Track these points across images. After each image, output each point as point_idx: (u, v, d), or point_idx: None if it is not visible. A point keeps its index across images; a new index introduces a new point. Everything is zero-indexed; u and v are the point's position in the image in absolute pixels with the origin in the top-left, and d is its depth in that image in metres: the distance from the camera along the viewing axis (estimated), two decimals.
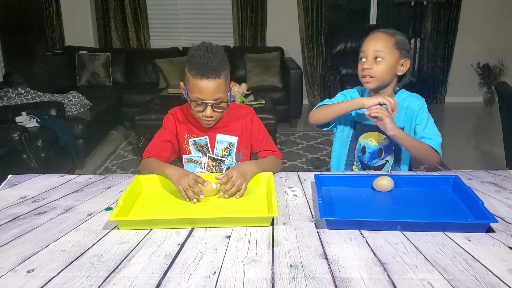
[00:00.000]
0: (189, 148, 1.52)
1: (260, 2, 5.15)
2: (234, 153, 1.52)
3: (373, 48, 1.46)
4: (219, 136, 1.50)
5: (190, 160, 1.53)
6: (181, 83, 1.44)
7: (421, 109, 1.52)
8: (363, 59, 1.48)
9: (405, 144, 1.44)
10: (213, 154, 1.51)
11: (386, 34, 1.48)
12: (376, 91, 1.52)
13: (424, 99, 1.56)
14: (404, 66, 1.49)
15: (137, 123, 3.57)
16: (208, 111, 1.37)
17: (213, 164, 1.52)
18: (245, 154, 1.54)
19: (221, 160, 1.52)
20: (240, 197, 1.26)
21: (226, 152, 1.51)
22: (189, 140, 1.51)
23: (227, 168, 1.52)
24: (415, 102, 1.53)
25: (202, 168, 1.52)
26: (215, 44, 1.39)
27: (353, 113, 1.60)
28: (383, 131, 1.47)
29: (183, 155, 1.53)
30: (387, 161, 1.58)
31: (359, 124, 1.60)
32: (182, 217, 1.11)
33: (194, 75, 1.34)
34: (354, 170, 1.63)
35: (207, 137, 1.50)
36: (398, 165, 1.60)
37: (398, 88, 1.56)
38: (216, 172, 1.51)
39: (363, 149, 1.59)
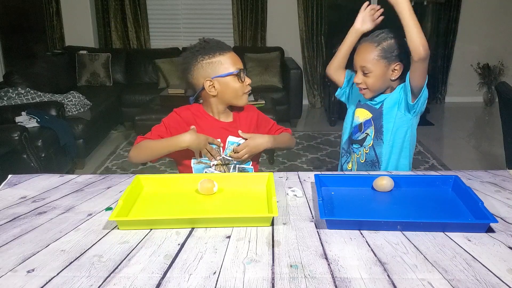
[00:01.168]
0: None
1: (260, 2, 5.15)
2: None
3: (360, 63, 1.51)
4: (230, 138, 1.51)
5: (199, 162, 1.52)
6: (207, 80, 1.43)
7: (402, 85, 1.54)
8: (356, 71, 1.54)
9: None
10: (223, 154, 1.52)
11: (372, 44, 1.49)
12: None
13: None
14: (397, 70, 1.50)
15: (137, 123, 3.58)
16: (248, 79, 1.48)
17: (221, 164, 1.53)
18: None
19: (230, 160, 1.53)
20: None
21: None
22: None
23: (234, 167, 1.54)
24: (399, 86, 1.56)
25: (210, 167, 1.52)
26: None
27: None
28: (367, 108, 1.59)
29: (193, 158, 1.51)
30: (368, 134, 1.61)
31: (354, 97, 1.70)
32: (182, 217, 1.11)
33: (221, 53, 1.44)
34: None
35: (218, 140, 1.50)
36: (380, 139, 1.60)
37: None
38: (224, 171, 1.52)
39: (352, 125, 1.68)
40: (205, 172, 1.51)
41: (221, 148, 1.51)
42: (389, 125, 1.57)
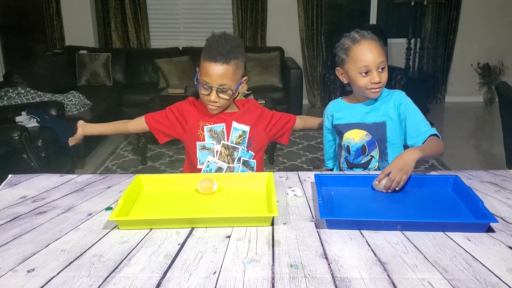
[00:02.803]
0: (204, 135, 1.52)
1: (260, 2, 5.15)
2: (246, 141, 1.53)
3: (377, 61, 1.43)
4: (235, 124, 1.52)
5: (203, 148, 1.52)
6: (197, 68, 1.50)
7: (406, 102, 1.50)
8: (368, 72, 1.44)
9: (430, 155, 1.38)
10: (228, 141, 1.51)
11: (374, 40, 1.44)
12: None
13: (404, 92, 1.54)
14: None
15: None
16: (213, 95, 1.43)
17: (226, 153, 1.52)
18: (255, 143, 1.55)
19: (234, 148, 1.52)
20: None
21: (240, 140, 1.52)
22: (205, 127, 1.52)
23: (239, 158, 1.52)
24: (397, 97, 1.51)
25: (214, 156, 1.52)
26: (234, 35, 1.43)
27: (328, 123, 1.60)
28: (363, 128, 1.52)
29: (197, 142, 1.52)
30: (372, 156, 1.55)
31: (339, 126, 1.57)
32: (182, 217, 1.11)
33: (204, 59, 1.42)
34: (342, 170, 1.62)
35: (224, 124, 1.51)
36: (385, 160, 1.56)
37: None
38: (228, 161, 1.52)
39: (348, 149, 1.55)
40: (207, 161, 1.51)
41: (225, 134, 1.51)
42: (393, 141, 1.52)
